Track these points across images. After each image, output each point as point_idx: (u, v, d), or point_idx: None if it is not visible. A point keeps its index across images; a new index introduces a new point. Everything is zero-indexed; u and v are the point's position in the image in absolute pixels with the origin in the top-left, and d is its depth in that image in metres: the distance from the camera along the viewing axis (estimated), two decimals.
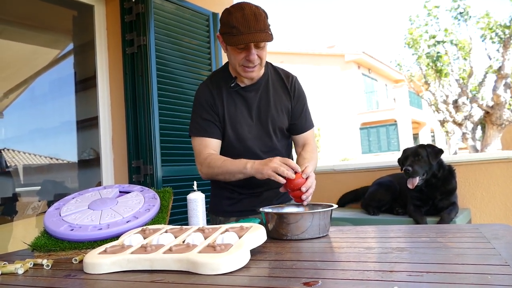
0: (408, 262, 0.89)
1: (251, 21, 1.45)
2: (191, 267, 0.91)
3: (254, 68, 1.56)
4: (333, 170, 3.62)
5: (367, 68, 22.16)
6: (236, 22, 1.46)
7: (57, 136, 4.23)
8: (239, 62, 1.55)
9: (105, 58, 2.91)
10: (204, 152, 1.62)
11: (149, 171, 2.59)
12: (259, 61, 1.56)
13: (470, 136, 11.29)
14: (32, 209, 3.71)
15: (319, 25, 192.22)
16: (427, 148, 2.60)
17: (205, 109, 1.65)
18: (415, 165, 2.54)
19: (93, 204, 1.39)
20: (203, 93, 1.68)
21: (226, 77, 1.69)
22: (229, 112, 1.65)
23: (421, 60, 12.23)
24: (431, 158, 2.55)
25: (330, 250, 1.11)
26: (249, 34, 1.45)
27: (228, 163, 1.54)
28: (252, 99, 1.67)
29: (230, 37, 1.49)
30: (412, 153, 2.61)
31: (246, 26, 1.45)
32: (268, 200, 1.71)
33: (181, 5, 2.92)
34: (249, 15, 1.46)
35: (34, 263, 1.14)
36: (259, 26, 1.46)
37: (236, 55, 1.54)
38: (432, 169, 2.57)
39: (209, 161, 1.59)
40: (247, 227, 1.11)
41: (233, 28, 1.46)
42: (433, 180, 2.59)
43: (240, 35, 1.45)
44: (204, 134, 1.64)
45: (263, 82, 1.70)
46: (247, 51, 1.51)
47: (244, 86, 1.67)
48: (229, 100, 1.66)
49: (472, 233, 1.17)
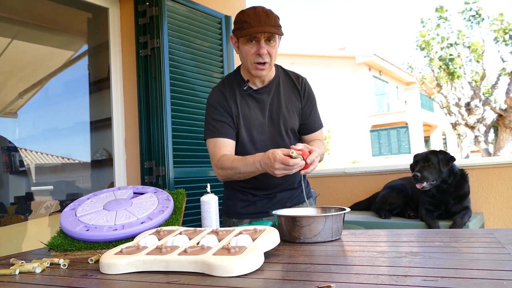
0: (422, 266, 0.89)
1: (262, 16, 1.54)
2: (206, 269, 0.93)
3: (264, 65, 1.59)
4: (344, 173, 3.62)
5: (378, 70, 22.05)
6: (248, 17, 1.55)
7: (70, 136, 4.28)
8: (250, 59, 1.59)
9: (119, 60, 2.94)
10: (217, 154, 1.63)
11: (161, 172, 2.61)
12: (269, 58, 1.59)
13: (483, 139, 11.18)
14: (45, 209, 3.75)
15: (329, 27, 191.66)
16: (439, 154, 2.58)
17: (218, 110, 1.67)
18: (425, 171, 2.52)
19: (108, 205, 1.41)
20: (215, 96, 1.70)
21: (238, 80, 1.71)
22: (243, 113, 1.67)
23: (433, 62, 12.15)
24: (442, 165, 2.53)
25: (343, 253, 1.11)
26: (259, 27, 1.52)
27: (236, 164, 1.55)
28: (264, 101, 1.69)
29: (241, 31, 1.56)
30: (422, 159, 2.60)
31: (257, 20, 1.53)
32: (282, 202, 1.73)
33: (194, 8, 2.94)
34: (260, 12, 1.55)
35: (51, 262, 1.16)
36: (269, 22, 1.54)
37: (248, 51, 1.58)
38: (442, 176, 2.54)
39: (221, 163, 1.60)
40: (260, 230, 1.12)
41: (244, 23, 1.55)
42: (445, 186, 2.57)
43: (251, 28, 1.53)
44: (217, 135, 1.65)
45: (274, 84, 1.72)
46: (258, 45, 1.56)
47: (257, 89, 1.70)
48: (242, 102, 1.68)
49: (486, 238, 1.17)
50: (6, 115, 4.67)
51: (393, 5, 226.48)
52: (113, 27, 2.95)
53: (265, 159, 1.43)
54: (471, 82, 11.21)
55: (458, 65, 11.66)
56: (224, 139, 1.65)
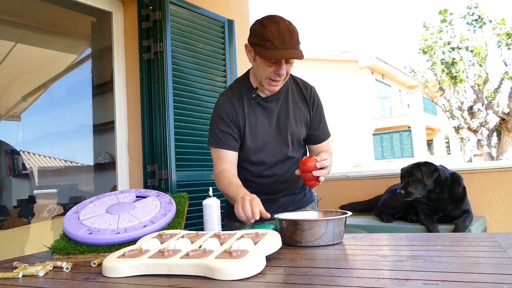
0: (423, 270, 0.89)
1: (285, 36, 1.46)
2: (208, 273, 0.93)
3: (278, 82, 1.58)
4: (347, 177, 3.61)
5: (380, 73, 22.05)
6: (271, 36, 1.46)
7: (73, 139, 4.29)
8: (266, 75, 1.56)
9: (122, 63, 2.96)
10: (219, 165, 1.66)
11: (164, 175, 2.62)
12: (285, 75, 1.57)
13: (486, 143, 11.16)
14: (47, 212, 3.76)
15: (332, 31, 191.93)
16: (422, 167, 2.55)
17: (224, 121, 1.66)
18: (409, 187, 2.52)
19: (111, 208, 1.42)
20: (223, 105, 1.69)
21: (247, 87, 1.70)
22: (250, 122, 1.67)
23: (435, 66, 12.14)
24: (426, 178, 2.51)
25: (345, 257, 1.11)
26: (283, 50, 1.45)
27: (228, 188, 1.56)
28: (272, 109, 1.69)
29: (263, 50, 1.48)
30: (406, 173, 2.58)
31: (281, 41, 1.45)
32: (284, 206, 1.73)
33: (197, 12, 2.95)
34: (284, 31, 1.46)
35: (54, 265, 1.16)
36: (293, 43, 1.47)
37: (266, 68, 1.54)
38: (427, 188, 2.53)
39: (219, 177, 1.63)
40: (262, 234, 1.12)
41: (267, 42, 1.46)
42: (433, 195, 2.55)
43: (274, 49, 1.46)
44: (220, 146, 1.66)
45: (283, 93, 1.71)
46: (278, 66, 1.52)
47: (265, 97, 1.69)
48: (250, 110, 1.68)
49: (487, 242, 1.17)
50: (9, 118, 4.69)
51: (395, 8, 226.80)
52: (116, 31, 2.96)
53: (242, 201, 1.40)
54: (474, 86, 11.19)
55: (461, 69, 11.65)
56: (227, 151, 1.66)
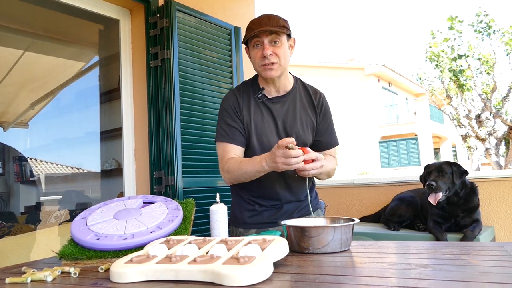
0: (432, 279, 0.89)
1: (263, 19, 1.61)
2: (215, 278, 0.93)
3: (272, 65, 1.62)
4: (353, 184, 3.60)
5: (387, 81, 22.01)
6: (252, 23, 1.63)
7: (81, 146, 4.32)
8: (258, 63, 1.64)
9: (130, 71, 2.98)
10: (225, 157, 1.66)
11: (170, 182, 2.63)
12: (277, 59, 1.62)
13: (494, 151, 11.07)
14: (54, 218, 3.78)
15: (339, 38, 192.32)
16: (453, 166, 2.56)
17: (230, 115, 1.69)
18: (439, 181, 2.51)
19: (118, 214, 1.42)
20: (229, 99, 1.72)
21: (254, 87, 1.73)
22: (255, 121, 1.68)
23: (443, 74, 12.10)
24: (455, 177, 2.51)
25: (352, 264, 1.11)
26: (259, 28, 1.58)
27: (244, 165, 1.58)
28: (278, 111, 1.70)
29: (246, 37, 1.64)
30: (436, 169, 2.58)
31: (258, 24, 1.60)
32: (289, 213, 1.72)
33: (204, 19, 2.98)
34: (263, 16, 1.63)
35: (62, 271, 1.17)
36: (271, 23, 1.59)
37: (255, 56, 1.64)
38: (455, 187, 2.53)
39: (228, 165, 1.63)
40: (269, 240, 1.12)
41: (248, 29, 1.63)
42: (455, 198, 2.55)
43: (251, 31, 1.61)
44: (227, 140, 1.68)
45: (290, 96, 1.72)
46: (262, 47, 1.61)
47: (271, 97, 1.70)
48: (256, 109, 1.69)
49: (497, 251, 1.16)
50: (18, 126, 4.74)
51: (402, 16, 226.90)
52: (124, 39, 2.99)
53: (270, 152, 1.47)
54: (482, 94, 11.13)
55: (469, 77, 11.60)
56: (233, 145, 1.67)
